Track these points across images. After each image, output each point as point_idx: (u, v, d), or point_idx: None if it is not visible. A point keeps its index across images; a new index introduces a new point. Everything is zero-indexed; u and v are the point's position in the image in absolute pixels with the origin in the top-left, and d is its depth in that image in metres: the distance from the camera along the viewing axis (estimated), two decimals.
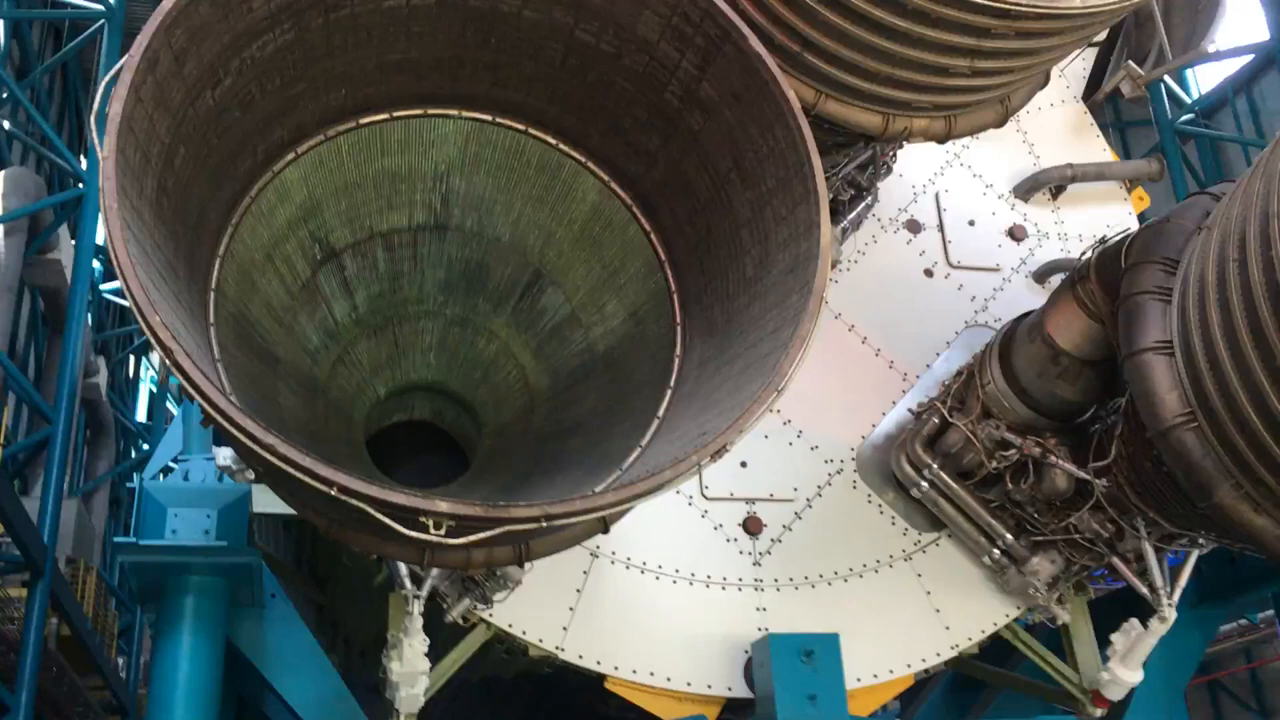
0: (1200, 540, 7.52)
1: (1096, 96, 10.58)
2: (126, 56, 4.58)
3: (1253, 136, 16.86)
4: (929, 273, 9.48)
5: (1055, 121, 10.42)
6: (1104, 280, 7.13)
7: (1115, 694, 8.08)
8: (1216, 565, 9.03)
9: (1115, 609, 8.35)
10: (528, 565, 6.41)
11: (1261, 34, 16.04)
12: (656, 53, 5.73)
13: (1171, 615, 7.68)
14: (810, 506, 8.31)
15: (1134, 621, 7.86)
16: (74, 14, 15.84)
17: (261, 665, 8.34)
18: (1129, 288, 6.68)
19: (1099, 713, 8.25)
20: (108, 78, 4.58)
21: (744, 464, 8.25)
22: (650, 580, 7.80)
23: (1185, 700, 9.64)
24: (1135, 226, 9.44)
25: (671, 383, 6.06)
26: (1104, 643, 8.16)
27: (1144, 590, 7.72)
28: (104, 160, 4.36)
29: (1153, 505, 7.20)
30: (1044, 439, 7.70)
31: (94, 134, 4.71)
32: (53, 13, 17.11)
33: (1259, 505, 6.02)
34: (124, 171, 4.46)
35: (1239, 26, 16.08)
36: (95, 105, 4.76)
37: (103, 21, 15.10)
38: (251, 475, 7.32)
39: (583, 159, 6.41)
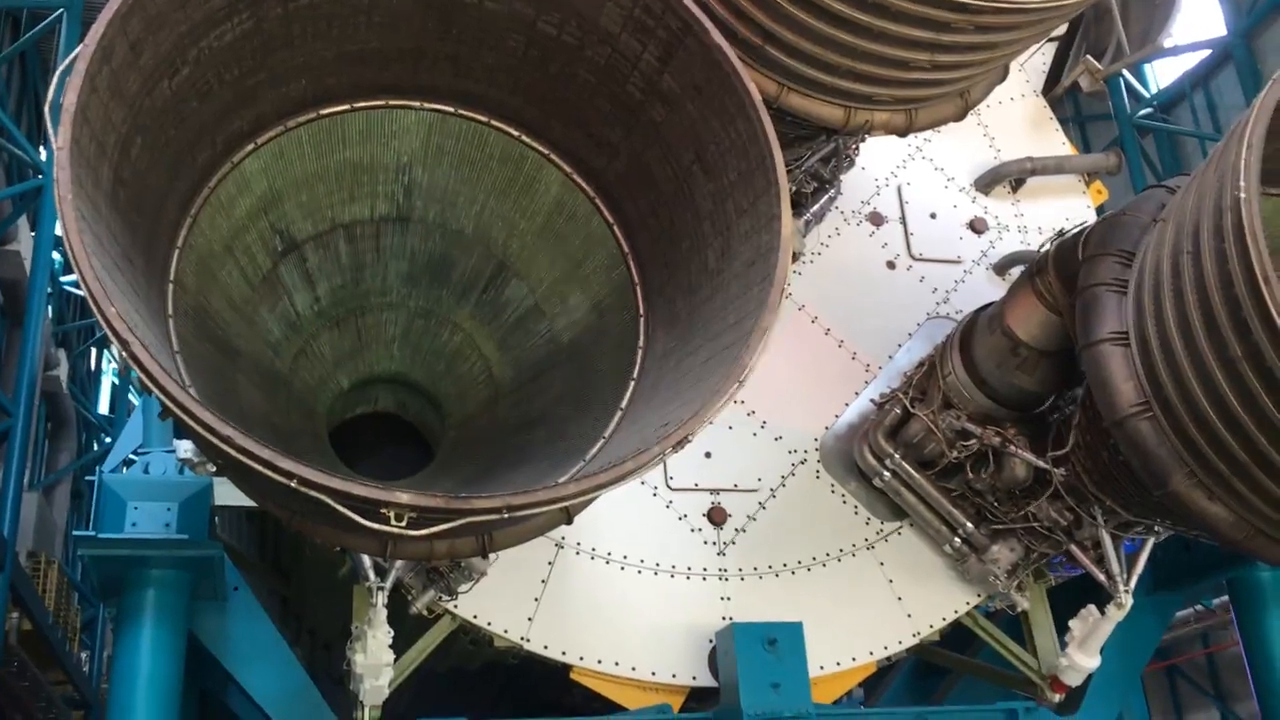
0: (1156, 528, 7.65)
1: (1056, 91, 10.70)
2: (81, 46, 4.54)
3: (1210, 131, 17.08)
4: (891, 265, 9.55)
5: (1015, 115, 10.52)
6: (1062, 272, 7.22)
7: (1073, 680, 8.21)
8: (1172, 552, 9.17)
9: (1074, 596, 8.48)
10: (492, 556, 6.41)
11: (1219, 29, 16.25)
12: (618, 45, 5.74)
13: (1128, 601, 7.80)
14: (774, 496, 8.37)
15: (1091, 608, 7.97)
16: (33, 3, 15.61)
17: (224, 658, 8.28)
18: (1086, 279, 6.77)
19: (1057, 698, 8.38)
20: (62, 67, 4.54)
21: (708, 454, 8.30)
22: (615, 570, 7.83)
23: (1143, 685, 9.80)
24: (1093, 219, 9.58)
25: (635, 374, 6.09)
26: (1063, 629, 8.27)
27: (1101, 577, 7.84)
28: (58, 151, 4.32)
29: (1110, 494, 7.31)
30: (1004, 429, 7.80)
31: (50, 124, 4.67)
32: (11, 1, 16.86)
33: (1213, 493, 6.13)
34: (79, 162, 4.42)
35: (1197, 22, 16.29)
36: (50, 95, 4.71)
37: (61, 11, 14.90)
38: (213, 468, 7.26)
39: (545, 151, 6.41)
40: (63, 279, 21.92)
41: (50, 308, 19.94)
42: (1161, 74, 18.88)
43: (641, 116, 5.95)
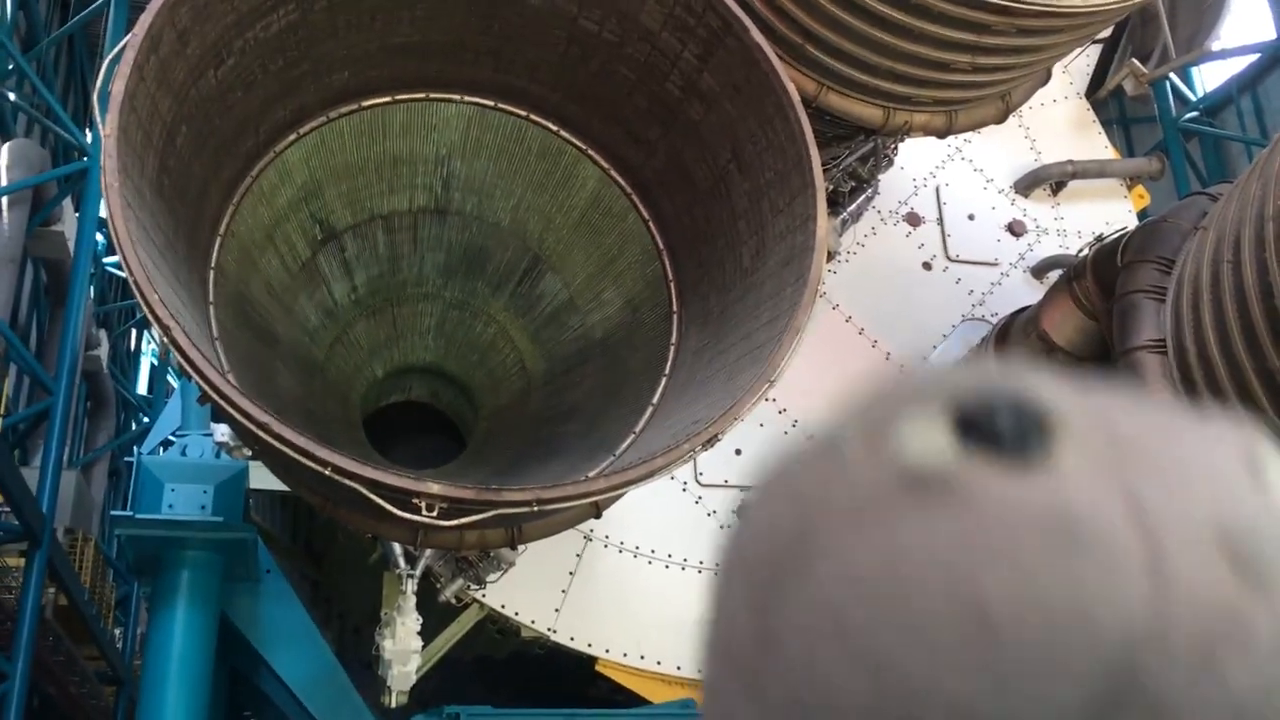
0: None
1: (1100, 93, 10.59)
2: (130, 35, 4.61)
3: (1256, 136, 16.82)
4: (928, 266, 9.50)
5: (1057, 118, 10.43)
6: (1100, 278, 7.17)
7: None
8: None
9: None
10: (520, 547, 6.46)
11: (1268, 33, 15.99)
12: (658, 42, 5.75)
13: None
14: None
15: None
16: None
17: (255, 639, 8.41)
18: (1124, 286, 6.72)
19: None
20: (111, 56, 4.61)
21: (738, 451, 8.30)
22: (643, 564, 7.86)
23: None
24: (1134, 224, 9.48)
25: (666, 370, 6.10)
26: None
27: None
28: (106, 138, 4.39)
29: None
30: None
31: (97, 111, 4.75)
32: None
33: None
34: (125, 149, 4.49)
35: (1245, 25, 16.04)
36: (99, 83, 4.79)
37: None
38: (249, 453, 7.37)
39: (583, 146, 6.44)
40: (105, 260, 22.21)
41: (92, 288, 20.23)
42: (1208, 77, 18.61)
43: (680, 114, 5.96)
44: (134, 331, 27.37)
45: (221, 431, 7.88)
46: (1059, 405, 0.47)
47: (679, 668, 7.63)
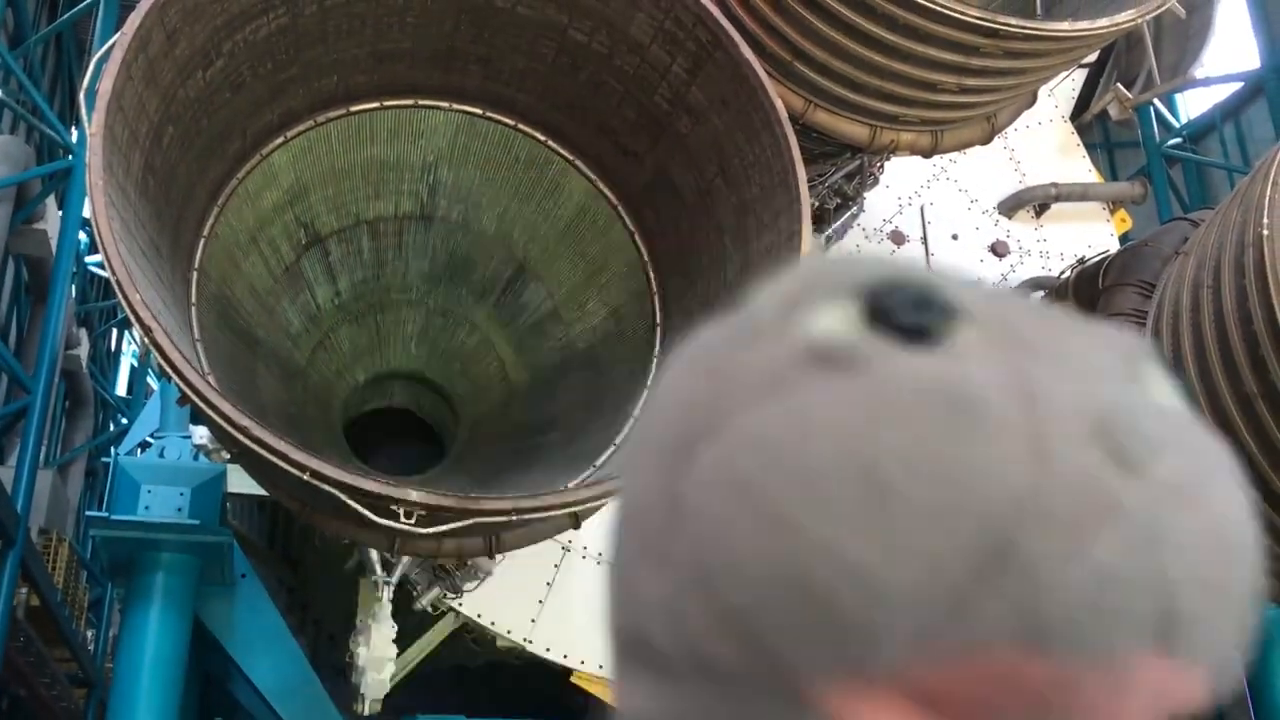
0: None
1: (1084, 117, 10.68)
2: (119, 34, 4.60)
3: (1238, 163, 16.99)
4: None
5: (1042, 140, 10.51)
6: (1081, 300, 7.23)
7: None
8: None
9: None
10: (498, 556, 6.45)
11: (1252, 62, 16.18)
12: (648, 55, 5.78)
13: None
14: None
15: None
16: None
17: (229, 644, 8.35)
18: (1105, 309, 6.78)
19: None
20: (99, 54, 4.60)
21: None
22: None
23: None
24: (1116, 248, 9.56)
25: (648, 382, 6.11)
26: None
27: None
28: (91, 136, 4.38)
29: None
30: None
31: (84, 109, 4.73)
32: None
33: None
34: (111, 148, 4.48)
35: (1230, 53, 16.22)
36: (86, 81, 4.78)
37: None
38: (227, 455, 7.33)
39: (571, 157, 6.45)
40: (87, 259, 22.10)
41: (74, 287, 20.11)
42: (1192, 104, 18.80)
43: (667, 127, 5.98)
44: (115, 331, 27.21)
45: (200, 434, 7.84)
46: (964, 298, 0.50)
47: None
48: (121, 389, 28.20)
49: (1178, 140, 16.79)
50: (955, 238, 9.85)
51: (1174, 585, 0.46)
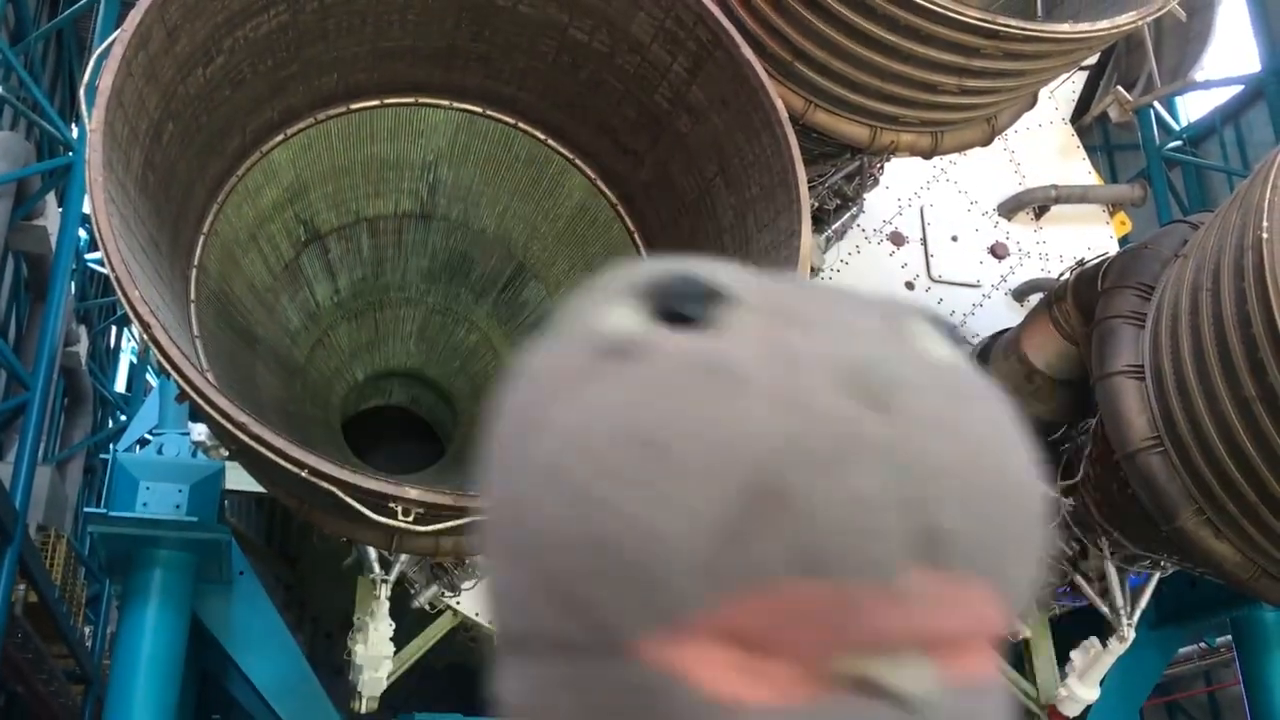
0: (1162, 563, 7.63)
1: (1084, 119, 10.69)
2: (119, 30, 4.60)
3: (1238, 167, 16.99)
4: (910, 285, 9.55)
5: (1042, 142, 10.51)
6: (1080, 302, 7.22)
7: (1071, 710, 8.18)
8: (1177, 588, 9.14)
9: (1077, 627, 8.45)
10: None
11: (1253, 65, 16.18)
12: (648, 54, 5.78)
13: (1131, 635, 7.78)
14: None
15: (1093, 640, 7.96)
16: None
17: (226, 642, 8.35)
18: (1104, 311, 6.77)
19: None
20: (99, 50, 4.60)
21: None
22: None
23: None
24: (1116, 250, 9.56)
25: None
26: (1064, 659, 8.25)
27: (1105, 609, 7.83)
28: (91, 133, 4.38)
29: (1117, 526, 7.30)
30: None
31: (84, 106, 4.73)
32: None
33: (1220, 531, 6.12)
34: (111, 145, 4.48)
35: (1231, 57, 16.22)
36: (86, 77, 4.77)
37: None
38: (225, 453, 7.33)
39: (571, 155, 6.45)
40: (87, 256, 22.09)
41: (73, 284, 20.10)
42: (1192, 107, 18.81)
43: (668, 126, 5.98)
44: (114, 328, 27.20)
45: (199, 431, 7.84)
46: (731, 285, 0.56)
47: None
48: (120, 386, 28.19)
49: (1178, 143, 16.80)
50: (955, 239, 9.85)
51: (928, 504, 0.50)
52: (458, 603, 7.28)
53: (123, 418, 24.76)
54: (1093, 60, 10.45)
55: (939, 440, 0.52)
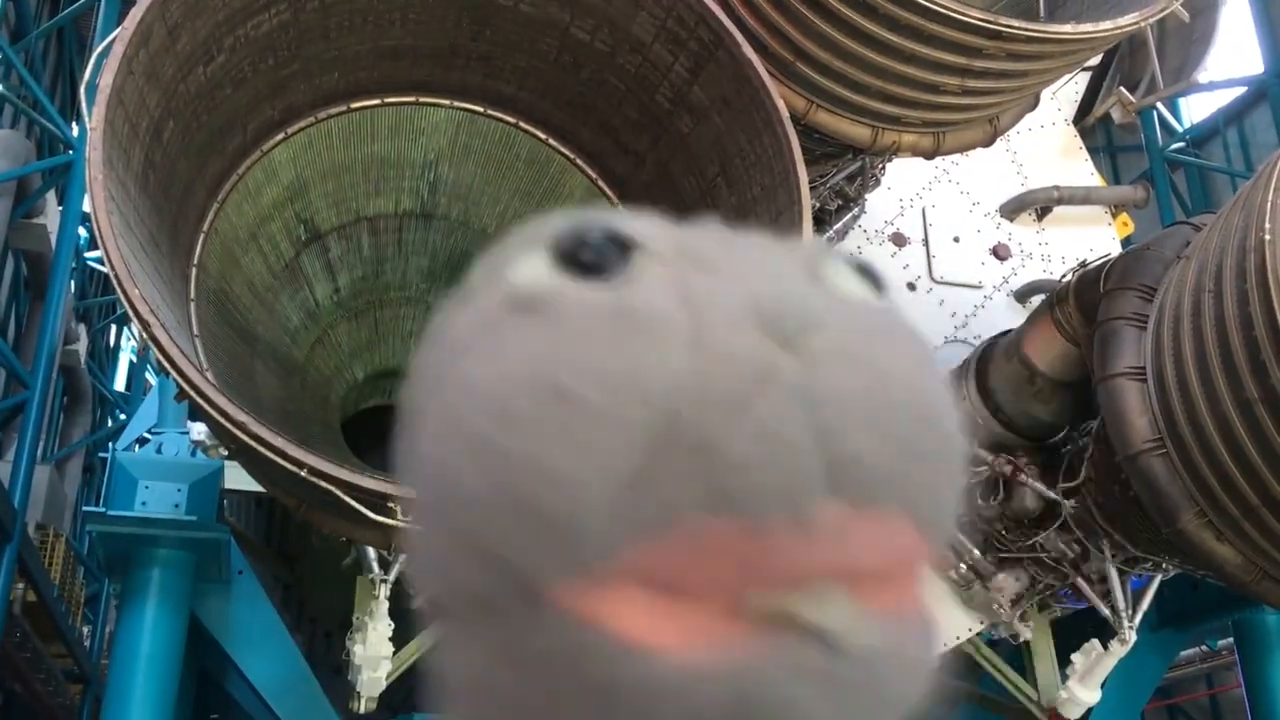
0: (1163, 565, 7.61)
1: (1087, 120, 10.66)
2: (120, 29, 4.59)
3: (1241, 168, 16.99)
4: (911, 286, 9.53)
5: (1045, 143, 10.49)
6: (1082, 303, 7.20)
7: (1073, 713, 8.17)
8: (1178, 591, 9.12)
9: (1079, 629, 8.43)
10: None
11: (1256, 67, 16.17)
12: (650, 54, 5.76)
13: (1132, 638, 7.76)
14: None
15: (1095, 642, 7.94)
16: None
17: (225, 641, 8.33)
18: (1106, 312, 6.75)
19: None
20: (100, 48, 4.59)
21: None
22: None
23: None
24: (1118, 251, 9.54)
25: None
26: (1065, 662, 8.24)
27: (1106, 612, 7.80)
28: (92, 131, 4.37)
29: (1119, 528, 7.27)
30: (1015, 457, 7.77)
31: (84, 104, 4.72)
32: None
33: (1221, 534, 6.10)
34: (111, 143, 4.47)
35: (1234, 58, 16.21)
36: (87, 76, 4.76)
37: None
38: (225, 452, 7.31)
39: (572, 155, 6.44)
40: (87, 255, 22.07)
41: (73, 283, 20.08)
42: (1195, 109, 18.81)
43: (669, 126, 5.97)
44: (114, 327, 27.19)
45: (198, 430, 7.82)
46: (642, 234, 0.55)
47: None
48: (120, 384, 28.18)
49: (1180, 144, 16.79)
50: (957, 240, 9.83)
51: (836, 436, 0.50)
52: None
53: (122, 416, 24.75)
54: (1095, 61, 10.43)
55: (849, 375, 0.52)
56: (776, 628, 0.51)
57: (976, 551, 8.13)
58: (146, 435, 8.87)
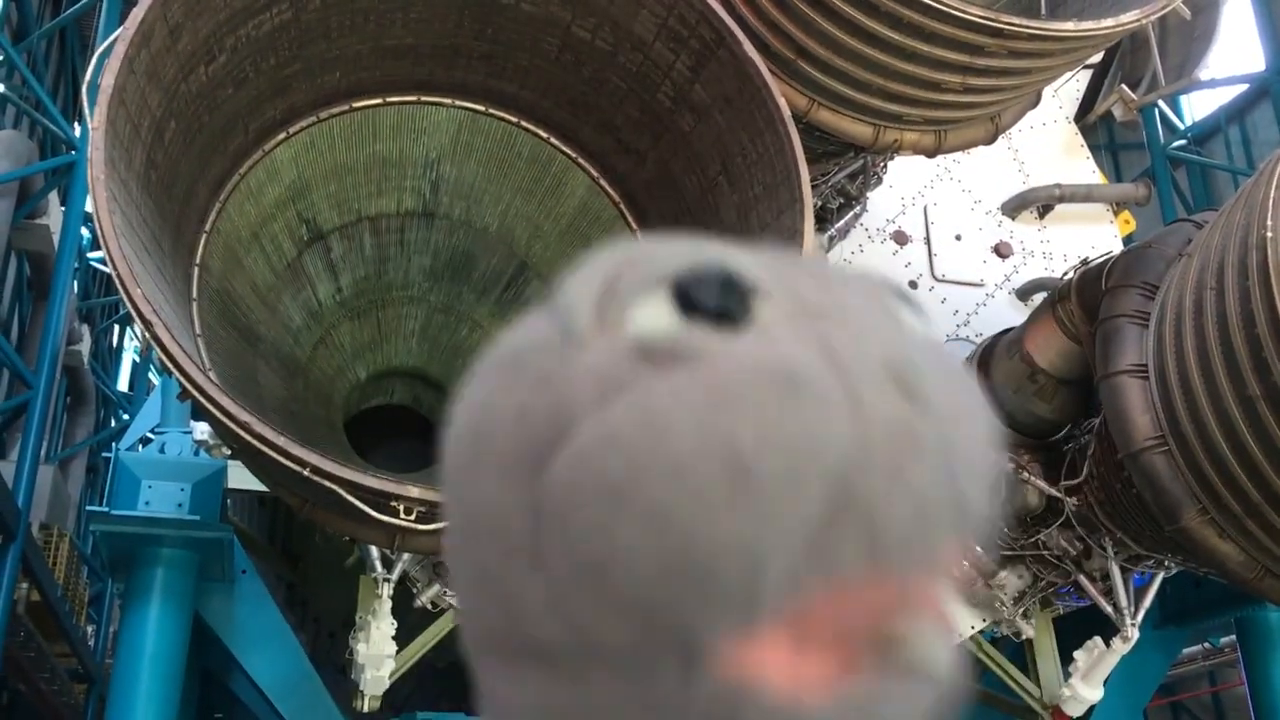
0: (1166, 563, 7.61)
1: (1089, 118, 10.65)
2: (121, 29, 4.60)
3: (1243, 166, 16.97)
4: (914, 285, 9.53)
5: (1046, 141, 10.48)
6: (1084, 301, 7.20)
7: (1075, 710, 8.17)
8: (1181, 588, 9.12)
9: (1081, 626, 8.43)
10: None
11: (1258, 64, 16.16)
12: (651, 52, 5.77)
13: (1134, 635, 7.76)
14: None
15: (1097, 640, 7.94)
16: None
17: (229, 640, 8.34)
18: (1108, 310, 6.75)
19: None
20: (101, 49, 4.59)
21: None
22: None
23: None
24: (1120, 249, 9.53)
25: None
26: (1067, 659, 8.23)
27: (1108, 609, 7.80)
28: (94, 131, 4.37)
29: (1121, 526, 7.27)
30: (1018, 455, 7.77)
31: (86, 104, 4.72)
32: None
33: (1224, 531, 6.10)
34: (113, 143, 4.47)
35: (1235, 55, 16.20)
36: (89, 75, 4.77)
37: None
38: (228, 451, 7.33)
39: (573, 154, 6.44)
40: (90, 255, 22.09)
41: (76, 283, 20.10)
42: (1197, 106, 18.79)
43: (670, 125, 5.97)
44: (116, 327, 27.21)
45: (201, 430, 7.83)
46: (753, 273, 0.56)
47: None
48: (123, 385, 28.21)
49: (1182, 142, 16.78)
50: (958, 238, 9.83)
51: (959, 483, 0.55)
52: None
53: (125, 416, 24.77)
54: (1097, 59, 10.42)
55: (960, 427, 0.56)
56: (898, 666, 0.55)
57: (978, 549, 8.12)
58: (150, 435, 8.87)
